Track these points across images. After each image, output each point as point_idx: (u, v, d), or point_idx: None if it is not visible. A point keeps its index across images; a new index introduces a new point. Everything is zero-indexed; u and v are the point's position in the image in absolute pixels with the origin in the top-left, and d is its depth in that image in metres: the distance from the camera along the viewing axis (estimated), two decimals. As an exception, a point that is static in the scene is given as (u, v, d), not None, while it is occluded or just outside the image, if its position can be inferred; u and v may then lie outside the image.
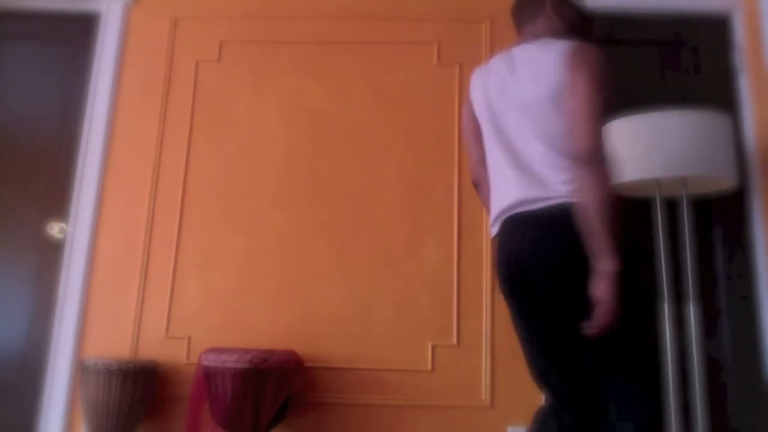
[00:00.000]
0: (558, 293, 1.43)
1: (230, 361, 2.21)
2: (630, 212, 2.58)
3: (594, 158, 1.36)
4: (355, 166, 2.71)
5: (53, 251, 2.70)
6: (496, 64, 1.64)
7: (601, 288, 1.33)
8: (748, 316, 2.52)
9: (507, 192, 1.54)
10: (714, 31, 2.80)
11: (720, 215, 2.61)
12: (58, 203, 2.75)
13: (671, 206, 2.54)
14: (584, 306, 1.35)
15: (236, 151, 2.75)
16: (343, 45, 2.84)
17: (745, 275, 2.56)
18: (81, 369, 2.38)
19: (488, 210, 1.67)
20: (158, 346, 2.57)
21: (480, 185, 1.74)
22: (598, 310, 1.33)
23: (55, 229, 2.73)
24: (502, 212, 1.56)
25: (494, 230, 1.63)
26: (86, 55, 2.90)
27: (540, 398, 2.44)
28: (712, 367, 2.46)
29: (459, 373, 2.50)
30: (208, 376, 2.25)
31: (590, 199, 1.35)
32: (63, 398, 2.53)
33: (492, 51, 2.78)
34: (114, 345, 2.58)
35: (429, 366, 2.50)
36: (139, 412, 2.38)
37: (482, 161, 1.70)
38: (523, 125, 1.51)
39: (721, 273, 2.57)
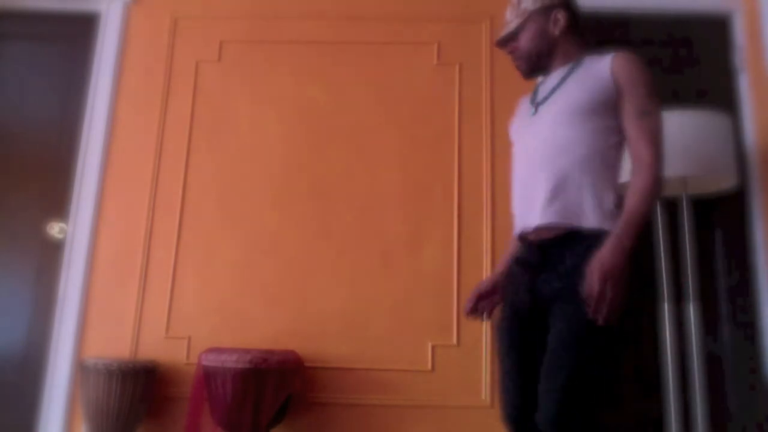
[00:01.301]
0: None
1: (230, 361, 2.21)
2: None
3: None
4: (355, 166, 2.71)
5: (53, 251, 2.70)
6: None
7: None
8: (748, 316, 2.52)
9: None
10: (714, 31, 2.80)
11: (720, 215, 2.61)
12: (58, 203, 2.75)
13: (671, 206, 2.54)
14: None
15: (236, 150, 2.75)
16: (343, 45, 2.84)
17: (745, 275, 2.56)
18: (81, 369, 2.38)
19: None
20: (158, 346, 2.57)
21: None
22: None
23: (55, 229, 2.73)
24: None
25: None
26: (86, 55, 2.90)
27: (540, 398, 2.44)
28: (712, 366, 2.47)
29: (459, 373, 2.50)
30: (208, 376, 2.25)
31: None
32: (63, 398, 2.53)
33: (492, 51, 2.78)
34: (114, 345, 2.58)
35: (429, 366, 2.50)
36: (139, 412, 2.38)
37: None
38: None
39: (721, 273, 2.57)
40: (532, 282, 1.52)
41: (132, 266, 2.65)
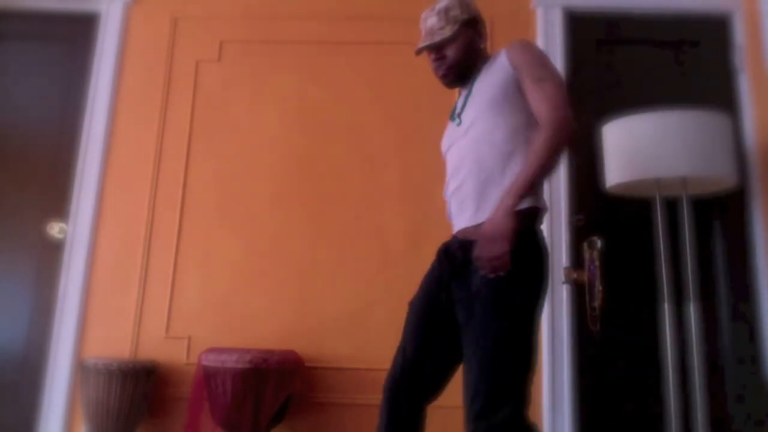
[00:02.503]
0: None
1: (230, 361, 2.21)
2: (630, 212, 2.59)
3: None
4: (355, 166, 2.71)
5: (53, 251, 2.70)
6: None
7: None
8: (748, 316, 2.52)
9: None
10: (714, 31, 2.80)
11: (720, 215, 2.61)
12: (58, 203, 2.75)
13: (671, 206, 2.54)
14: None
15: (236, 150, 2.76)
16: (343, 45, 2.84)
17: (745, 275, 2.56)
18: (81, 369, 2.38)
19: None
20: (158, 346, 2.57)
21: None
22: None
23: (55, 229, 2.73)
24: None
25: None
26: (86, 55, 2.90)
27: (537, 398, 2.44)
28: (712, 366, 2.47)
29: (458, 373, 2.50)
30: (208, 376, 2.25)
31: None
32: (63, 398, 2.53)
33: (492, 51, 2.77)
34: (114, 345, 2.58)
35: (429, 366, 2.50)
36: (139, 412, 2.38)
37: None
38: None
39: (721, 273, 2.57)
40: (448, 279, 1.57)
41: (132, 266, 2.65)
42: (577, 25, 2.82)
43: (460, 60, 1.67)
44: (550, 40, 2.76)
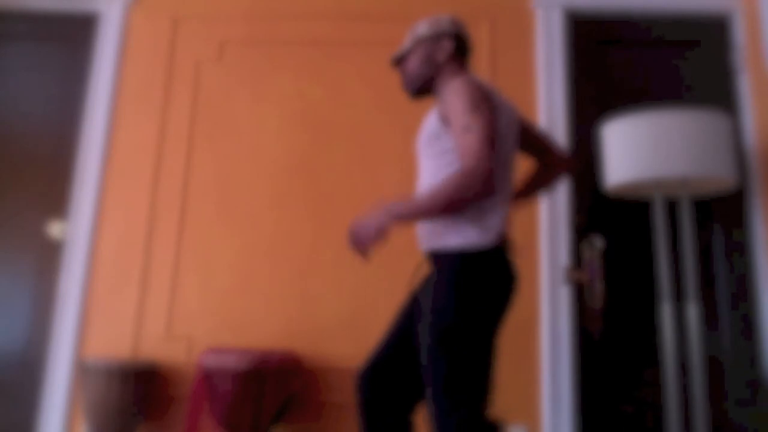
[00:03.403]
0: None
1: (230, 362, 2.21)
2: (630, 212, 2.60)
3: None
4: (355, 166, 2.72)
5: (53, 251, 2.71)
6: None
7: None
8: (748, 316, 2.52)
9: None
10: (714, 31, 2.80)
11: (720, 215, 2.62)
12: (58, 203, 2.75)
13: (671, 206, 2.54)
14: None
15: (236, 150, 2.76)
16: (343, 45, 2.84)
17: (745, 275, 2.56)
18: (81, 369, 2.38)
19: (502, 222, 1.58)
20: (158, 346, 2.57)
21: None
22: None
23: (55, 229, 2.73)
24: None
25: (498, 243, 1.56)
26: (86, 55, 2.90)
27: (537, 398, 2.44)
28: (712, 365, 2.47)
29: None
30: (208, 377, 2.25)
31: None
32: (63, 398, 2.53)
33: (492, 51, 2.78)
34: (114, 345, 2.58)
35: (429, 366, 2.50)
36: (139, 412, 2.38)
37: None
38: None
39: (721, 273, 2.58)
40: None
41: (132, 266, 2.65)
42: (578, 25, 2.82)
43: (415, 72, 1.72)
44: (550, 40, 2.77)
